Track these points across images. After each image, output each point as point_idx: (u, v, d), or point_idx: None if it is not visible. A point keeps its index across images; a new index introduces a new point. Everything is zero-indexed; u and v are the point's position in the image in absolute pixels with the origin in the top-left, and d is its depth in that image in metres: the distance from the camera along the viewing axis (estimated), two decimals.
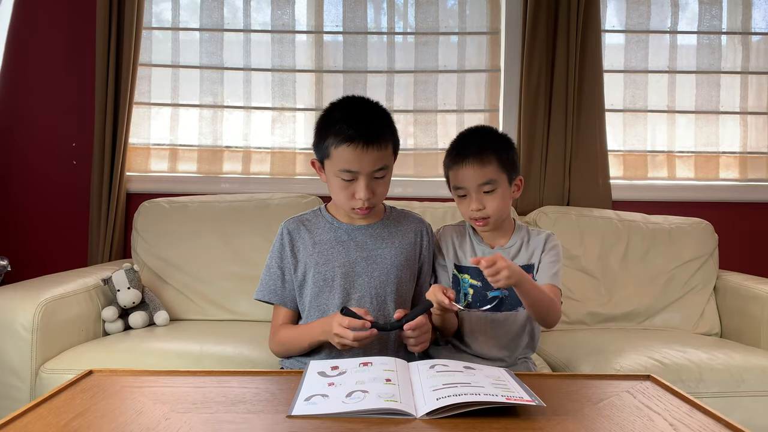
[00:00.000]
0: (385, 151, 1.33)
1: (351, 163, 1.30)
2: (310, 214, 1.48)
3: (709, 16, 2.51)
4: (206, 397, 0.99)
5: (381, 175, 1.34)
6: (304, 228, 1.44)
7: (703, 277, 2.16)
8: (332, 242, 1.42)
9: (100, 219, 2.34)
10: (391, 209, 1.50)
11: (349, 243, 1.42)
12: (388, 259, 1.41)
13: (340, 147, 1.30)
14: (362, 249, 1.41)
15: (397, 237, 1.44)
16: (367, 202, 1.33)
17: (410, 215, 1.51)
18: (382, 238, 1.43)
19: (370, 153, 1.30)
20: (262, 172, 2.51)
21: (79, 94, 2.42)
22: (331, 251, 1.41)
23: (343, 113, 1.34)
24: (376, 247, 1.42)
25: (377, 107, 1.38)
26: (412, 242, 1.46)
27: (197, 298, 2.09)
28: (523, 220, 2.26)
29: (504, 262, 1.23)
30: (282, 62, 2.50)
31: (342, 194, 1.35)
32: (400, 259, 1.42)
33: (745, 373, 1.59)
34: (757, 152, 2.54)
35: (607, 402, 1.00)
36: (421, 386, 0.99)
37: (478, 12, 2.51)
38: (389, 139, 1.35)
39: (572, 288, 2.12)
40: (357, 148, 1.29)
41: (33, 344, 1.58)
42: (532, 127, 2.37)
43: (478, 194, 1.40)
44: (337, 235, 1.42)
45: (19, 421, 0.87)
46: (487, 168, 1.39)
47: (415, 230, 1.47)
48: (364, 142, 1.29)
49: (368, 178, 1.32)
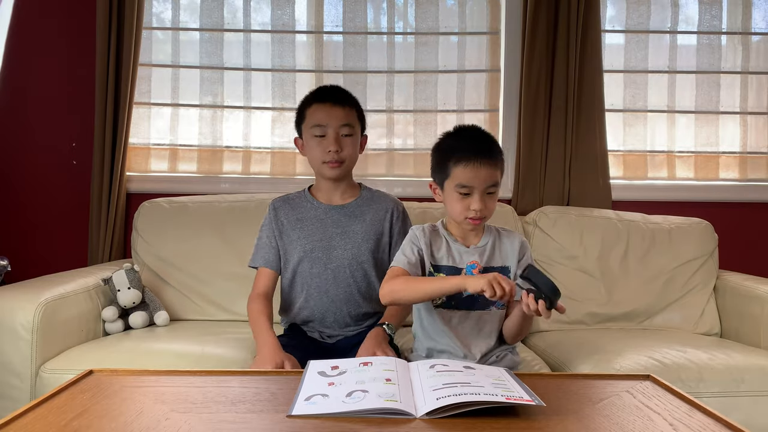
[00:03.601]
0: (349, 112, 1.63)
1: (321, 118, 1.60)
2: (295, 194, 1.75)
3: (709, 16, 2.51)
4: (206, 397, 0.99)
5: (347, 132, 1.61)
6: (289, 206, 1.71)
7: (703, 277, 2.16)
8: (312, 219, 1.68)
9: (100, 219, 2.34)
10: (368, 190, 1.74)
11: (327, 220, 1.67)
12: (359, 234, 1.66)
13: (311, 106, 1.62)
14: (337, 225, 1.67)
15: (369, 214, 1.68)
16: (336, 155, 1.60)
17: (384, 196, 1.74)
18: (355, 216, 1.68)
19: (336, 109, 1.60)
20: (262, 172, 2.51)
21: (79, 94, 2.42)
22: (311, 227, 1.67)
23: (317, 90, 1.68)
24: (350, 224, 1.67)
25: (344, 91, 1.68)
26: (381, 218, 1.69)
27: (197, 298, 2.09)
28: (523, 220, 2.27)
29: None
30: (282, 62, 2.50)
31: (316, 151, 1.62)
32: (369, 233, 1.66)
33: (745, 373, 1.59)
34: (757, 152, 2.54)
35: (607, 402, 1.00)
36: (421, 386, 0.99)
37: (478, 12, 2.51)
38: (354, 105, 1.66)
39: (572, 288, 2.12)
40: (325, 105, 1.60)
41: (33, 344, 1.58)
42: (532, 127, 2.37)
43: (483, 194, 1.40)
44: (316, 214, 1.68)
45: (19, 421, 0.87)
46: (497, 170, 1.42)
47: (386, 208, 1.70)
48: (332, 100, 1.61)
49: (336, 133, 1.60)
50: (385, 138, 2.52)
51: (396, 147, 2.52)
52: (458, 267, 1.45)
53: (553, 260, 2.17)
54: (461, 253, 1.46)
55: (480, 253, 1.45)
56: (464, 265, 1.45)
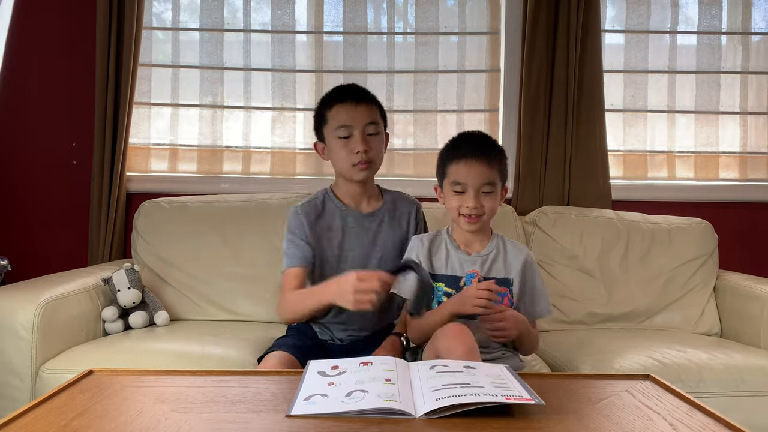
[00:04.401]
0: (373, 109, 1.56)
1: (345, 118, 1.53)
2: (319, 199, 1.64)
3: (709, 16, 2.51)
4: (206, 396, 0.99)
5: (373, 130, 1.55)
6: (316, 212, 1.61)
7: (702, 277, 2.16)
8: (342, 228, 1.60)
9: (100, 219, 2.34)
10: (388, 192, 1.69)
11: (358, 229, 1.61)
12: (389, 243, 1.61)
13: (332, 107, 1.55)
14: (368, 233, 1.61)
15: (395, 221, 1.64)
16: (365, 155, 1.53)
17: (404, 198, 1.71)
18: (384, 223, 1.63)
19: (360, 108, 1.54)
20: (262, 172, 2.51)
21: (79, 94, 2.42)
22: (343, 235, 1.59)
23: (334, 90, 1.60)
24: (380, 231, 1.62)
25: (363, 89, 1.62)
26: (407, 224, 1.66)
27: (197, 298, 2.09)
28: (523, 220, 2.27)
29: (512, 322, 1.34)
30: (282, 62, 2.50)
31: (342, 152, 1.54)
32: (398, 241, 1.62)
33: (745, 372, 1.59)
34: (757, 152, 2.54)
35: (607, 402, 1.00)
36: (420, 386, 0.99)
37: (478, 12, 2.51)
38: (376, 103, 1.59)
39: (572, 288, 2.12)
40: (350, 104, 1.53)
41: (33, 344, 1.58)
42: (532, 127, 2.37)
43: (478, 193, 1.41)
44: (346, 222, 1.61)
45: (19, 421, 0.87)
46: (492, 169, 1.43)
47: (408, 212, 1.67)
48: (355, 99, 1.54)
49: (362, 133, 1.53)
50: None
51: (396, 147, 2.52)
52: (457, 276, 1.45)
53: (553, 260, 2.17)
54: (462, 261, 1.46)
55: (482, 262, 1.46)
56: (464, 274, 1.45)
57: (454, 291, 1.44)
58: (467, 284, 1.44)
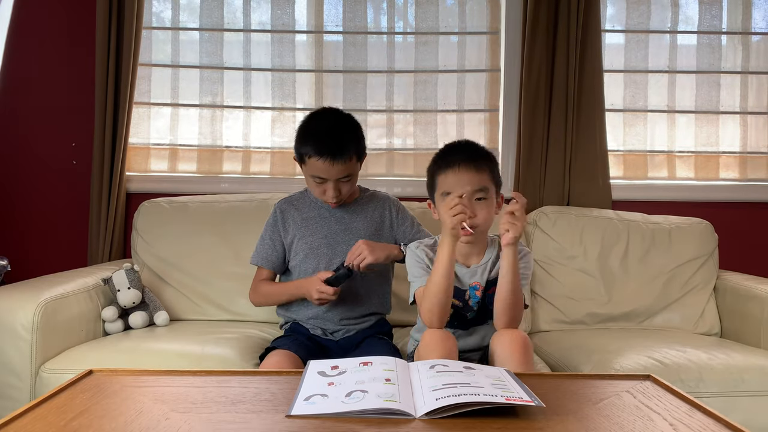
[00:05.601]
0: (349, 163, 1.59)
1: (321, 171, 1.58)
2: (298, 195, 1.81)
3: (709, 16, 2.51)
4: (206, 396, 0.99)
5: (346, 180, 1.62)
6: (293, 207, 1.76)
7: (702, 277, 2.16)
8: (316, 218, 1.74)
9: (100, 219, 2.34)
10: (365, 190, 1.80)
11: (330, 218, 1.73)
12: (362, 230, 1.71)
13: (312, 158, 1.57)
14: (340, 222, 1.73)
15: (368, 212, 1.75)
16: (335, 199, 1.62)
17: (380, 195, 1.81)
18: (356, 213, 1.74)
19: (336, 166, 1.56)
20: (262, 172, 2.51)
21: (79, 94, 2.42)
22: (315, 225, 1.73)
23: (317, 126, 1.61)
24: (352, 221, 1.73)
25: (347, 122, 1.63)
26: (381, 214, 1.76)
27: (197, 298, 2.09)
28: None
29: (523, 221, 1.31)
30: (282, 62, 2.50)
31: (316, 191, 1.65)
32: (371, 229, 1.72)
33: (744, 373, 1.59)
34: (757, 152, 2.54)
35: (607, 402, 1.00)
36: (420, 386, 0.99)
37: (478, 12, 2.51)
38: (353, 151, 1.59)
39: (572, 288, 2.12)
40: (326, 161, 1.55)
41: (33, 344, 1.58)
42: (532, 127, 2.37)
43: (470, 201, 1.38)
44: (320, 213, 1.74)
45: (19, 421, 0.87)
46: (481, 175, 1.40)
47: (383, 205, 1.77)
48: (332, 157, 1.55)
49: (335, 183, 1.60)
50: (384, 138, 2.52)
51: (396, 147, 2.52)
52: (461, 288, 1.44)
53: (553, 260, 2.17)
54: (462, 275, 1.45)
55: (482, 272, 1.45)
56: (467, 286, 1.44)
57: (461, 304, 1.46)
58: (472, 296, 1.45)
